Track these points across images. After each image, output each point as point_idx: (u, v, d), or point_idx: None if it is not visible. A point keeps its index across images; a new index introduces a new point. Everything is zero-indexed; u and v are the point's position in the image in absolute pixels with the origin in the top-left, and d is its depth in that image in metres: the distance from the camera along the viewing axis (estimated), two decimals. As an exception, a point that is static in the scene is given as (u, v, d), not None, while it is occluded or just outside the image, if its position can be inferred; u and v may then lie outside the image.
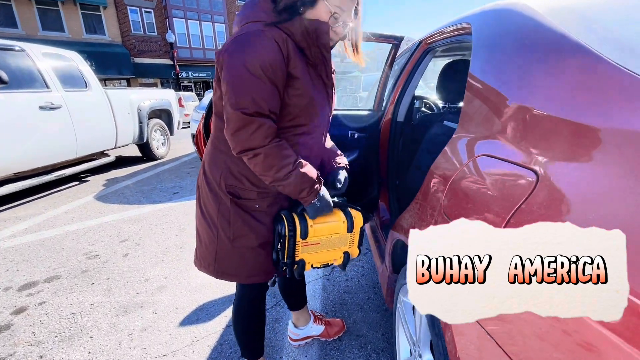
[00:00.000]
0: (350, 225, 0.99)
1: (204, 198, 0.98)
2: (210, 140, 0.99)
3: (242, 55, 0.78)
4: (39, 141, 3.40)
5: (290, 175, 0.84)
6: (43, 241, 2.58)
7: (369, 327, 1.57)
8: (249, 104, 0.78)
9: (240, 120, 0.78)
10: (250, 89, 0.78)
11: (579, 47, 0.59)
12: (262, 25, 0.81)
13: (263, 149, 0.81)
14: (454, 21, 1.23)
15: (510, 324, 0.50)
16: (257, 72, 0.77)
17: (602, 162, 0.48)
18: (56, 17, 15.22)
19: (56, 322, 1.64)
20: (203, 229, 0.99)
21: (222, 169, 0.93)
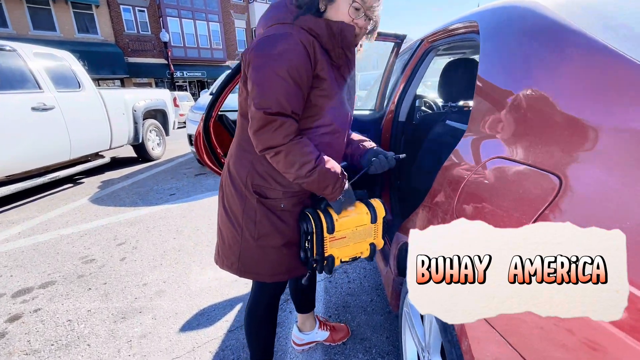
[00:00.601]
0: (373, 216, 1.01)
1: (229, 197, 0.99)
2: (236, 141, 1.00)
3: (269, 56, 0.79)
4: (31, 143, 3.33)
5: (313, 172, 0.85)
6: (37, 245, 2.52)
7: (373, 330, 1.55)
8: (273, 104, 0.79)
9: (262, 119, 0.80)
10: (275, 90, 0.79)
11: (599, 45, 0.57)
12: (289, 28, 0.82)
13: (284, 146, 0.82)
14: (458, 19, 1.21)
15: (536, 337, 0.47)
16: (283, 74, 0.79)
17: (629, 165, 0.45)
18: (47, 16, 14.98)
19: (52, 330, 1.59)
20: (226, 228, 1.00)
21: (248, 168, 0.94)
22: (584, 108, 0.54)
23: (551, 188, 0.51)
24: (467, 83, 1.55)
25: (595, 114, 0.52)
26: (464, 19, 1.13)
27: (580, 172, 0.50)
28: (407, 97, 1.77)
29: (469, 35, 1.10)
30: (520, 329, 0.50)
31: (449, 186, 0.81)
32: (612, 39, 0.57)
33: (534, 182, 0.56)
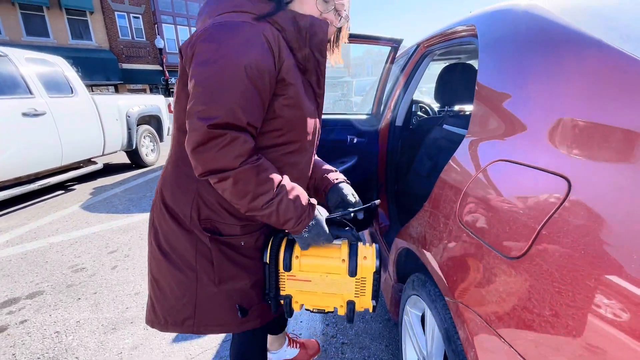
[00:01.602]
0: (352, 267, 0.77)
1: (168, 237, 0.77)
2: (172, 162, 0.78)
3: (221, 50, 0.61)
4: (21, 149, 3.26)
5: (270, 204, 0.67)
6: (25, 254, 2.45)
7: (372, 338, 1.52)
8: (222, 112, 0.60)
9: (205, 133, 0.60)
10: (226, 94, 0.61)
11: (602, 45, 0.56)
12: (248, 17, 0.66)
13: (234, 172, 0.63)
14: (455, 23, 1.21)
15: (546, 345, 0.45)
16: (239, 72, 0.61)
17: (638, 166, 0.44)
18: (41, 22, 14.92)
19: (39, 342, 1.53)
20: (170, 276, 0.77)
21: (192, 198, 0.74)
22: (591, 109, 0.53)
23: (560, 191, 0.50)
24: (463, 87, 1.55)
25: (602, 115, 0.51)
26: (461, 22, 1.13)
27: (589, 174, 0.48)
28: (404, 102, 1.76)
29: (467, 38, 1.10)
30: (530, 338, 0.48)
31: (450, 190, 0.79)
32: (615, 39, 0.56)
33: (541, 185, 0.54)
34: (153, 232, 0.80)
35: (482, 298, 0.59)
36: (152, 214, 0.82)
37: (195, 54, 0.63)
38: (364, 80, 9.37)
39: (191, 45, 0.64)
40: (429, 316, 0.88)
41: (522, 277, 0.50)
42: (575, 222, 0.46)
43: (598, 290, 0.40)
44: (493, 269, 0.57)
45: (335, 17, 0.76)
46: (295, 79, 0.70)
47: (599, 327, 0.39)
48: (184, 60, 0.67)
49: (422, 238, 0.89)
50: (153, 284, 0.82)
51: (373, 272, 0.79)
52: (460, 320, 0.65)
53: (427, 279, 0.90)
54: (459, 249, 0.69)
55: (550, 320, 0.45)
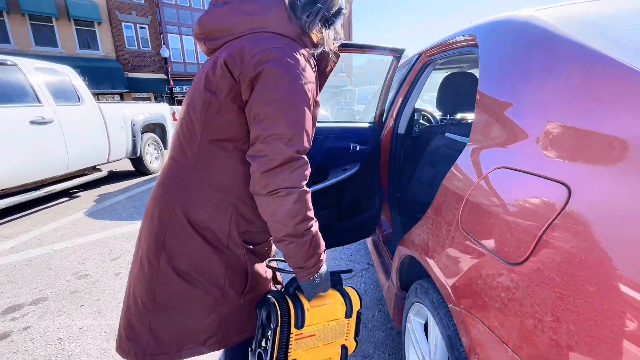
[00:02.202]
0: (349, 309, 0.80)
1: (193, 258, 0.74)
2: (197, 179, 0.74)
3: (294, 75, 0.64)
4: (28, 156, 3.30)
5: (309, 231, 0.69)
6: (30, 260, 2.47)
7: (375, 347, 1.50)
8: (304, 140, 0.66)
9: (290, 157, 0.64)
10: (304, 122, 0.66)
11: (600, 54, 0.58)
12: (298, 46, 0.69)
13: (298, 190, 0.66)
14: (456, 33, 1.23)
15: (548, 351, 0.45)
16: (307, 103, 0.67)
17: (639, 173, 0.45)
18: (50, 33, 15.25)
19: (42, 349, 1.53)
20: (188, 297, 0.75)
21: (230, 213, 0.74)
22: (589, 116, 0.54)
23: (560, 197, 0.50)
24: (465, 96, 1.56)
25: (601, 122, 0.52)
26: (462, 32, 1.15)
27: (589, 181, 0.49)
28: (406, 110, 1.78)
29: (468, 48, 1.12)
30: (532, 344, 0.48)
31: (452, 197, 0.80)
32: (611, 49, 0.58)
33: (541, 192, 0.55)
34: (166, 254, 0.74)
35: (484, 304, 0.59)
36: (163, 234, 0.74)
37: (263, 76, 0.64)
38: (366, 89, 9.44)
39: (254, 65, 0.65)
40: (432, 323, 0.88)
41: (523, 282, 0.51)
42: (576, 228, 0.46)
43: (599, 296, 0.41)
44: (495, 275, 0.57)
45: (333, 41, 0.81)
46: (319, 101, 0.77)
47: (600, 332, 0.40)
48: (239, 79, 0.66)
49: (425, 245, 0.90)
50: (159, 316, 0.76)
51: (357, 310, 0.82)
52: (463, 327, 0.66)
53: (430, 286, 0.90)
54: (461, 256, 0.70)
55: (552, 326, 0.45)
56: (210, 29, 0.73)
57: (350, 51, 1.56)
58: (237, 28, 0.70)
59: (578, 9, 0.79)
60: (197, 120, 0.71)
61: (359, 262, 2.33)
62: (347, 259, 2.38)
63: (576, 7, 0.81)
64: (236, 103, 0.69)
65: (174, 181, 0.75)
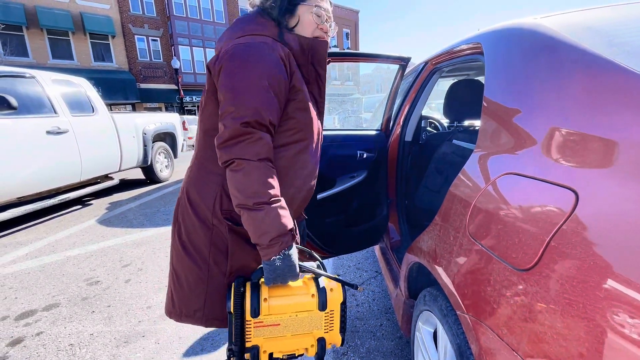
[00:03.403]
0: (322, 301, 0.76)
1: (189, 230, 0.86)
2: (197, 162, 0.88)
3: (246, 62, 0.74)
4: (44, 165, 3.40)
5: (261, 207, 0.72)
6: (43, 267, 2.52)
7: (384, 356, 1.48)
8: (250, 112, 0.73)
9: (237, 130, 0.72)
10: (253, 98, 0.73)
11: (606, 61, 0.58)
12: (263, 38, 0.79)
13: (249, 162, 0.72)
14: (461, 41, 1.24)
15: (558, 357, 0.45)
16: (262, 81, 0.74)
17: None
18: (66, 46, 15.81)
19: (53, 355, 1.56)
20: (186, 268, 0.86)
21: (216, 191, 0.84)
22: (596, 122, 0.54)
23: (568, 203, 0.50)
24: (472, 103, 1.57)
25: (609, 128, 0.52)
26: (467, 40, 1.16)
27: (596, 186, 0.49)
28: (413, 117, 1.79)
29: (473, 56, 1.13)
30: (542, 350, 0.47)
31: (459, 203, 0.80)
32: (617, 55, 0.58)
33: (549, 198, 0.55)
34: (177, 226, 0.89)
35: (493, 311, 0.58)
36: (177, 209, 0.90)
37: (222, 68, 0.75)
38: (373, 97, 9.50)
39: (218, 61, 0.77)
40: (441, 331, 0.87)
41: (532, 288, 0.51)
42: (584, 233, 0.46)
43: (608, 302, 0.40)
44: (503, 281, 0.57)
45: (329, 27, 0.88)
46: (303, 87, 0.84)
47: (610, 338, 0.39)
48: (212, 75, 0.79)
49: (433, 252, 0.89)
50: (172, 275, 0.90)
51: (340, 303, 0.79)
52: (472, 335, 0.65)
53: (439, 293, 0.89)
54: (469, 262, 0.69)
55: (561, 332, 0.45)
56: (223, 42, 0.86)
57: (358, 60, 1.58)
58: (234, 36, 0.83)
59: (583, 16, 0.80)
60: (199, 118, 0.87)
61: (366, 270, 2.31)
62: (355, 266, 2.37)
63: (581, 14, 0.81)
64: (214, 95, 0.81)
65: (189, 168, 0.91)
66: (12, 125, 3.11)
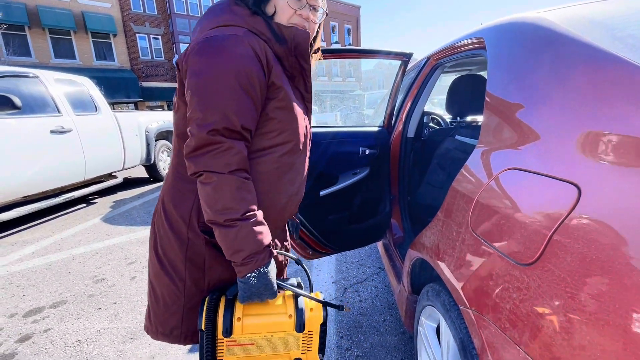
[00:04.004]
0: (300, 322, 0.72)
1: (164, 244, 0.78)
2: (172, 170, 0.81)
3: (212, 60, 0.65)
4: (48, 164, 3.43)
5: (233, 223, 0.66)
6: (50, 265, 2.55)
7: (387, 351, 1.49)
8: (217, 118, 0.65)
9: (204, 139, 0.65)
10: (221, 101, 0.65)
11: (610, 55, 0.58)
12: (236, 30, 0.69)
13: (218, 175, 0.65)
14: (464, 36, 1.24)
15: (561, 351, 0.45)
16: (231, 81, 0.65)
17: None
18: (68, 45, 15.86)
19: (61, 351, 1.58)
20: (162, 284, 0.79)
21: (192, 201, 0.76)
22: (599, 116, 0.54)
23: (570, 198, 0.50)
24: (474, 98, 1.56)
25: (612, 122, 0.52)
26: (470, 35, 1.15)
27: (599, 180, 0.49)
28: (415, 113, 1.79)
29: (476, 51, 1.12)
30: (545, 344, 0.48)
31: (462, 199, 0.80)
32: (621, 49, 0.58)
33: (551, 192, 0.55)
34: (153, 238, 0.82)
35: (495, 306, 0.59)
36: (154, 219, 0.83)
37: (189, 66, 0.67)
38: (375, 93, 9.47)
39: (186, 59, 0.69)
40: (443, 326, 0.87)
41: (534, 283, 0.51)
42: (586, 228, 0.46)
43: (610, 295, 0.40)
44: (506, 275, 0.57)
45: (311, 12, 0.77)
46: (284, 83, 0.74)
47: (613, 332, 0.40)
48: (181, 73, 0.71)
49: (436, 247, 0.90)
50: (149, 289, 0.83)
51: (320, 324, 0.75)
52: (474, 329, 0.65)
53: (441, 288, 0.89)
54: (472, 257, 0.70)
55: (564, 326, 0.45)
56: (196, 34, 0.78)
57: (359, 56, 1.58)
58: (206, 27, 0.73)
59: (586, 10, 0.79)
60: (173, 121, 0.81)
61: (369, 266, 2.32)
62: (358, 263, 2.38)
63: (584, 7, 0.81)
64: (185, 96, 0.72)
65: (167, 174, 0.85)
66: (16, 125, 3.14)
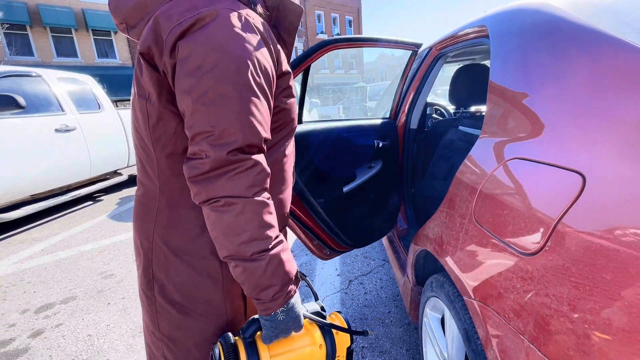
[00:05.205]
0: (331, 350, 0.65)
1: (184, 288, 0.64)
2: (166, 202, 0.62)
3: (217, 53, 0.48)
4: (54, 163, 3.47)
5: (263, 255, 0.53)
6: (59, 262, 2.59)
7: (392, 342, 1.51)
8: (240, 135, 0.50)
9: (223, 160, 0.50)
10: (242, 110, 0.50)
11: (616, 40, 0.56)
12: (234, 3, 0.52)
13: (242, 199, 0.51)
14: (466, 25, 1.21)
15: (565, 341, 0.45)
16: (246, 82, 0.50)
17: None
18: (70, 44, 15.87)
19: (73, 345, 1.62)
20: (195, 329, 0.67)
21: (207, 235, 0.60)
22: (605, 104, 0.53)
23: (574, 187, 0.50)
24: (477, 88, 1.54)
25: (617, 110, 0.51)
26: (472, 24, 1.13)
27: (604, 169, 0.48)
28: (418, 104, 1.77)
29: (479, 40, 1.11)
30: (549, 334, 0.48)
31: (466, 190, 0.80)
32: (628, 34, 0.56)
33: (555, 182, 0.54)
34: (157, 287, 0.65)
35: (499, 296, 0.59)
36: (151, 267, 0.65)
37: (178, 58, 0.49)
38: (378, 85, 9.38)
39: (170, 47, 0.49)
40: (448, 317, 0.88)
41: (539, 273, 0.51)
42: (591, 217, 0.46)
43: (615, 284, 0.40)
44: (509, 266, 0.57)
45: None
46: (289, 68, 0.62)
47: (618, 320, 0.39)
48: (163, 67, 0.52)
49: (439, 239, 0.90)
50: (169, 346, 0.68)
51: (347, 347, 0.69)
52: (478, 320, 0.65)
53: (446, 279, 0.90)
54: (476, 248, 0.69)
55: (569, 316, 0.45)
56: (125, 13, 0.57)
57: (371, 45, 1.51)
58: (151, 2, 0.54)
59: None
60: (145, 136, 0.58)
61: (374, 258, 2.33)
62: (362, 255, 2.38)
63: (590, -9, 0.79)
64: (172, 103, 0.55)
65: (147, 208, 0.64)
66: (21, 125, 3.17)
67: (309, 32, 27.17)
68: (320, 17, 28.08)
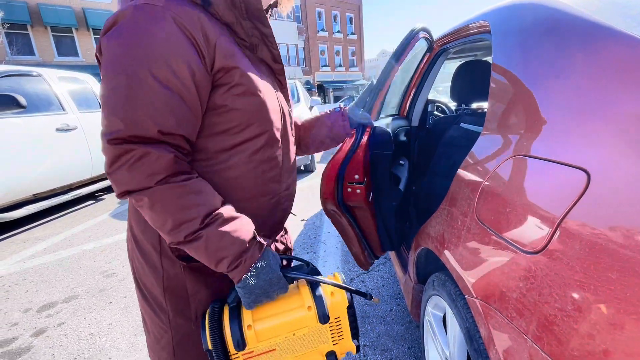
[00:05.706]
0: (322, 312, 0.61)
1: (141, 275, 0.68)
2: None
3: (119, 47, 0.50)
4: (56, 162, 3.47)
5: (196, 235, 0.54)
6: (61, 261, 2.60)
7: (394, 340, 1.50)
8: (122, 125, 0.50)
9: (110, 149, 0.51)
10: (125, 101, 0.50)
11: (621, 34, 0.55)
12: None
13: (147, 191, 0.52)
14: (467, 20, 1.20)
15: (568, 340, 0.44)
16: (141, 75, 0.50)
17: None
18: (70, 43, 15.90)
19: (75, 344, 1.62)
20: (148, 316, 0.70)
21: None
22: (609, 99, 0.52)
23: (579, 184, 0.49)
24: (479, 85, 1.52)
25: (622, 105, 0.50)
26: (473, 19, 1.12)
27: (609, 166, 0.48)
28: (419, 102, 1.76)
29: (480, 35, 1.09)
30: (551, 333, 0.47)
31: (467, 187, 0.79)
32: (633, 27, 0.55)
33: (559, 179, 0.53)
34: (131, 266, 0.72)
35: (502, 295, 0.58)
36: (128, 246, 0.72)
37: (102, 51, 0.52)
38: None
39: (97, 47, 0.54)
40: (450, 316, 0.87)
41: (542, 271, 0.50)
42: (595, 214, 0.45)
43: (620, 282, 0.39)
44: (512, 264, 0.56)
45: None
46: (239, 61, 0.58)
47: (622, 319, 0.39)
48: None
49: (441, 237, 0.89)
50: (142, 321, 0.74)
51: (346, 307, 0.65)
52: (480, 318, 0.65)
53: (447, 278, 0.89)
54: (477, 246, 0.69)
55: (572, 315, 0.44)
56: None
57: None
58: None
59: (596, -13, 0.76)
60: None
61: (375, 256, 2.33)
62: (363, 253, 2.38)
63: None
64: None
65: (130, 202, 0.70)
66: (22, 124, 3.17)
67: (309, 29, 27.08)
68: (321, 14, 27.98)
